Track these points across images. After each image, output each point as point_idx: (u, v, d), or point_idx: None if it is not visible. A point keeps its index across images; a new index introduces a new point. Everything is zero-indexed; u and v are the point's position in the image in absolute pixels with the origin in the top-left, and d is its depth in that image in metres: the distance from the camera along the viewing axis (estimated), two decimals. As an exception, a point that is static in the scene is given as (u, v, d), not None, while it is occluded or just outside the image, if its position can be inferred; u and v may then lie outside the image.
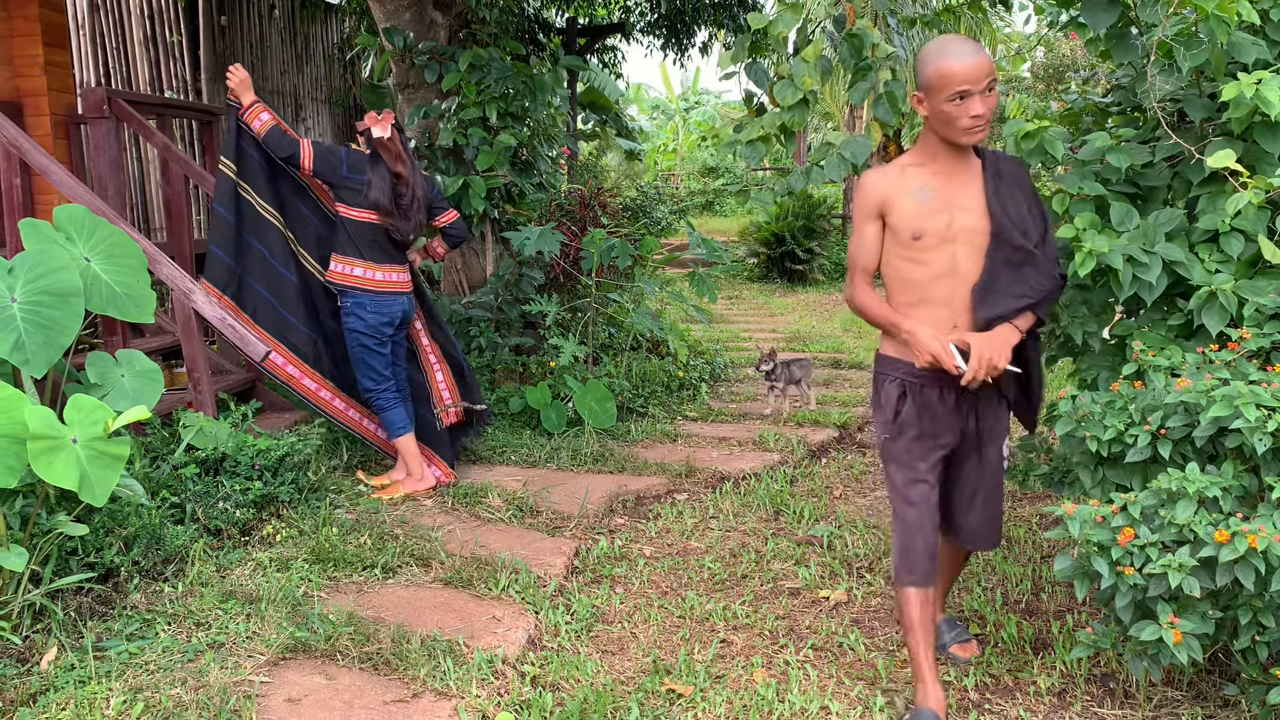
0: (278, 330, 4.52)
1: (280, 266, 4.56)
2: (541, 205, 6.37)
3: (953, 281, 2.63)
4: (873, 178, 2.67)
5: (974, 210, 2.61)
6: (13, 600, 2.93)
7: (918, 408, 2.72)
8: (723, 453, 5.43)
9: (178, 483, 3.88)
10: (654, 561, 4.03)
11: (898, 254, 2.66)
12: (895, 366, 2.75)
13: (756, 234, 14.58)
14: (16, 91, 6.14)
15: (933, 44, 2.55)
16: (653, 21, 8.40)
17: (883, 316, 2.68)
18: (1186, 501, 2.43)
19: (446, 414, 4.90)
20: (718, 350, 7.94)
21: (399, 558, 3.80)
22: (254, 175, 4.51)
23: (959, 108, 2.49)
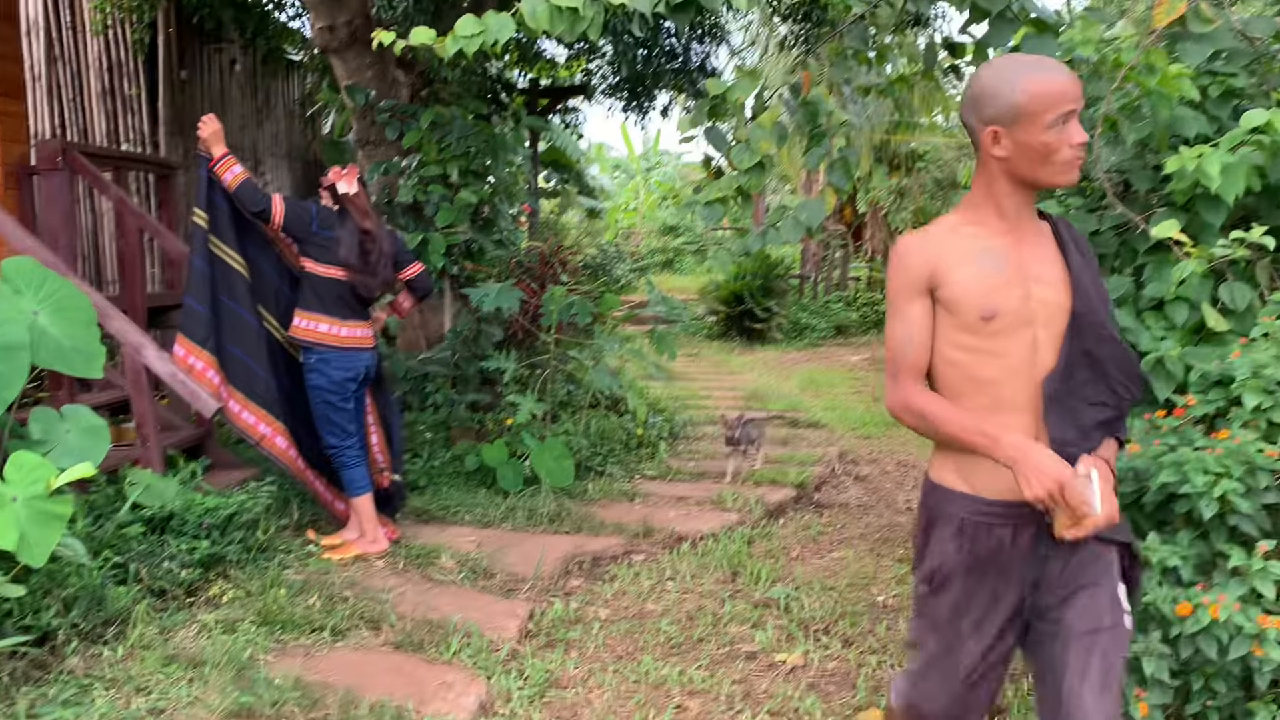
0: (244, 381, 4.45)
1: (248, 316, 4.51)
2: (501, 262, 6.38)
3: (1031, 379, 1.97)
4: (914, 242, 2.03)
5: (1052, 282, 1.98)
6: (-58, 666, 2.82)
7: (976, 555, 2.03)
8: (680, 512, 5.41)
9: (121, 542, 3.78)
10: (610, 625, 3.98)
11: (958, 342, 1.98)
12: (955, 500, 2.04)
13: (716, 292, 14.71)
14: (-31, 142, 6.08)
15: (1003, 62, 1.97)
16: (614, 84, 8.52)
17: (963, 428, 1.93)
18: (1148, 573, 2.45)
19: (381, 476, 4.83)
20: (677, 408, 7.95)
21: (348, 620, 3.72)
22: (224, 227, 4.47)
23: (1061, 135, 1.90)
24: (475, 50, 3.17)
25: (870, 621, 3.99)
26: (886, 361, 2.07)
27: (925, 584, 2.11)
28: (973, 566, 2.03)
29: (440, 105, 6.29)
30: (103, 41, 8.02)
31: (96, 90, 8.08)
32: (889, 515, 5.61)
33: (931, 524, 2.10)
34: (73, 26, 8.05)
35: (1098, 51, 2.98)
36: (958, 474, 2.05)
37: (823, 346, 14.17)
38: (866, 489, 6.22)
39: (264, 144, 9.74)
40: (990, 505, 2.00)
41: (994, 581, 2.02)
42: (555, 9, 3.14)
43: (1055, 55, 3.13)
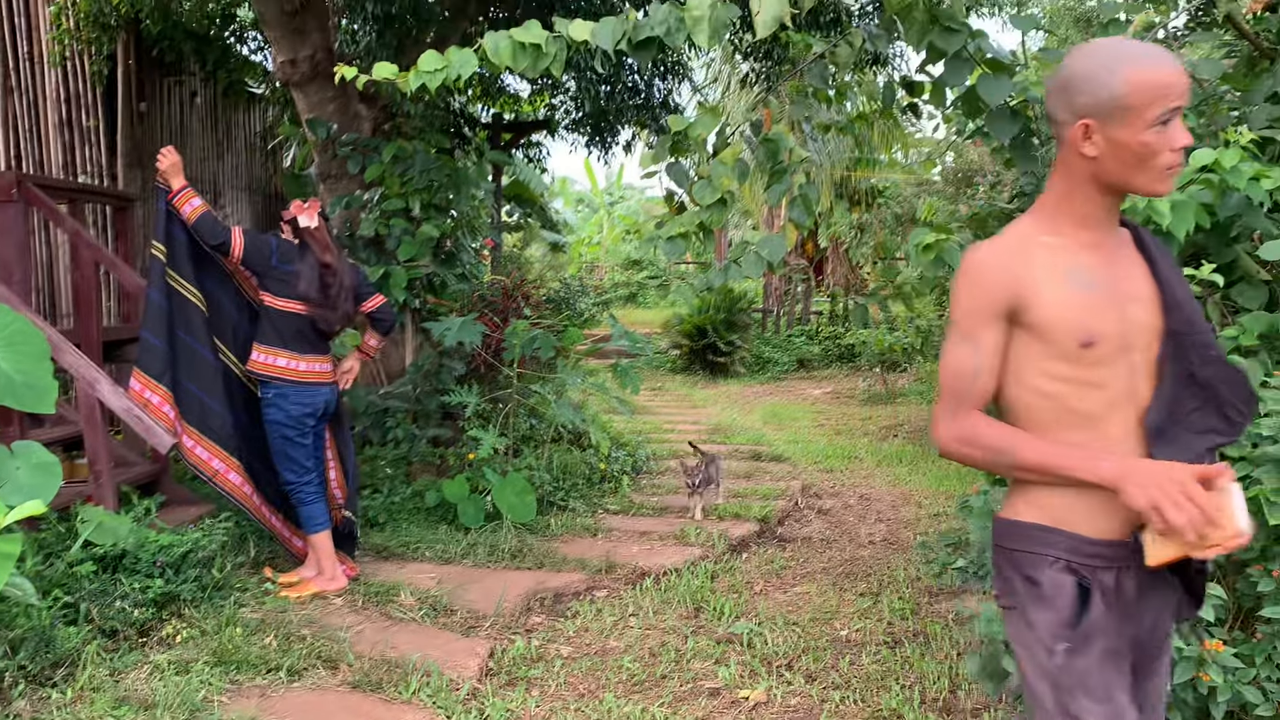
0: (199, 417, 4.39)
1: (204, 350, 4.45)
2: (464, 296, 6.37)
3: (1132, 411, 1.74)
4: (992, 256, 1.74)
5: (1144, 300, 1.75)
6: (-119, 711, 2.73)
7: (1106, 602, 1.73)
8: (644, 547, 5.38)
9: (72, 581, 3.69)
10: (571, 662, 3.94)
11: (1052, 372, 1.72)
12: (1052, 541, 1.74)
13: (679, 326, 14.76)
14: (-79, 173, 5.98)
15: (1104, 46, 1.70)
16: (577, 119, 8.57)
17: (1050, 454, 1.68)
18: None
19: (337, 513, 4.78)
20: (640, 442, 7.93)
21: (305, 659, 3.66)
22: (182, 260, 4.42)
23: (1163, 136, 1.64)
24: (438, 85, 3.18)
25: (833, 656, 3.98)
26: (943, 392, 1.78)
27: (1059, 641, 1.72)
28: (1113, 612, 1.72)
29: (403, 139, 6.29)
30: (60, 73, 7.95)
31: (54, 122, 8.01)
32: (851, 549, 5.62)
33: (1028, 570, 1.75)
34: (30, 57, 7.97)
35: (1051, 92, 3.04)
36: (1047, 512, 1.75)
37: (785, 380, 14.25)
38: (829, 523, 6.23)
39: (224, 177, 9.68)
40: (1094, 545, 1.71)
41: (1126, 627, 1.75)
42: (518, 45, 3.16)
43: (1010, 96, 3.20)
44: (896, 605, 4.55)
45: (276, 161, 10.16)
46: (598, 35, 3.09)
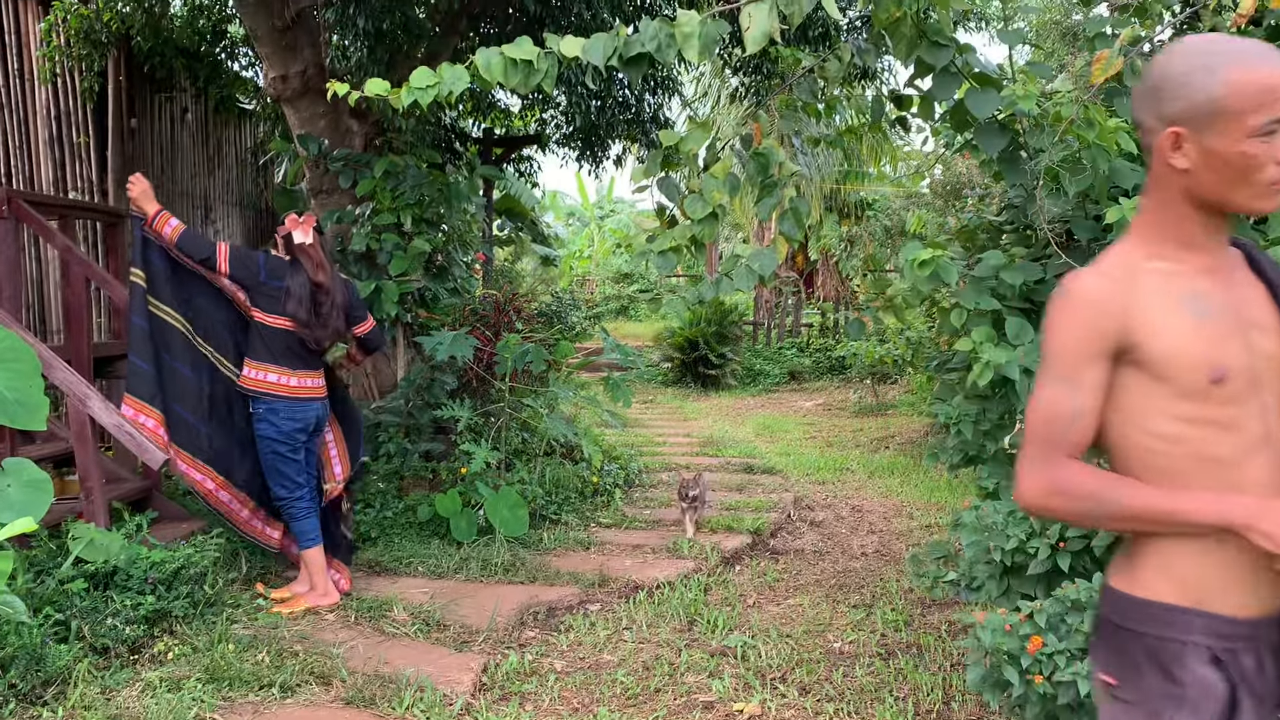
0: (188, 438, 4.39)
1: (187, 371, 4.45)
2: (456, 310, 6.37)
3: (1270, 455, 1.52)
4: (1098, 284, 1.52)
5: (1269, 328, 1.54)
6: None
7: (1250, 692, 1.48)
8: (636, 560, 5.38)
9: (63, 598, 3.68)
10: (565, 676, 3.94)
11: (1178, 413, 1.49)
12: (1186, 624, 1.49)
13: (670, 339, 14.78)
14: (-90, 190, 5.96)
15: (1199, 43, 1.49)
16: (568, 134, 8.60)
17: (1165, 501, 1.46)
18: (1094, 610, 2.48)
19: (336, 487, 4.77)
20: (632, 455, 7.93)
21: (298, 675, 3.64)
22: (160, 284, 4.42)
23: (1270, 147, 1.43)
24: (429, 101, 3.19)
25: (827, 669, 3.98)
26: (1031, 439, 1.54)
27: None
28: (1262, 703, 1.48)
29: (394, 154, 6.30)
30: (51, 89, 7.95)
31: (44, 138, 8.00)
32: (844, 561, 5.62)
33: (1174, 669, 1.48)
34: (20, 74, 7.97)
35: (1039, 106, 3.08)
36: (1187, 587, 1.49)
37: (776, 392, 14.27)
38: (821, 535, 6.24)
39: (215, 192, 9.68)
40: (1236, 625, 1.48)
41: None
42: (509, 61, 3.17)
43: (997, 110, 3.22)
44: (890, 617, 4.56)
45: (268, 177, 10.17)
46: (589, 51, 3.10)
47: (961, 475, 5.00)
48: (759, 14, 2.95)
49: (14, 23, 7.96)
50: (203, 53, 8.53)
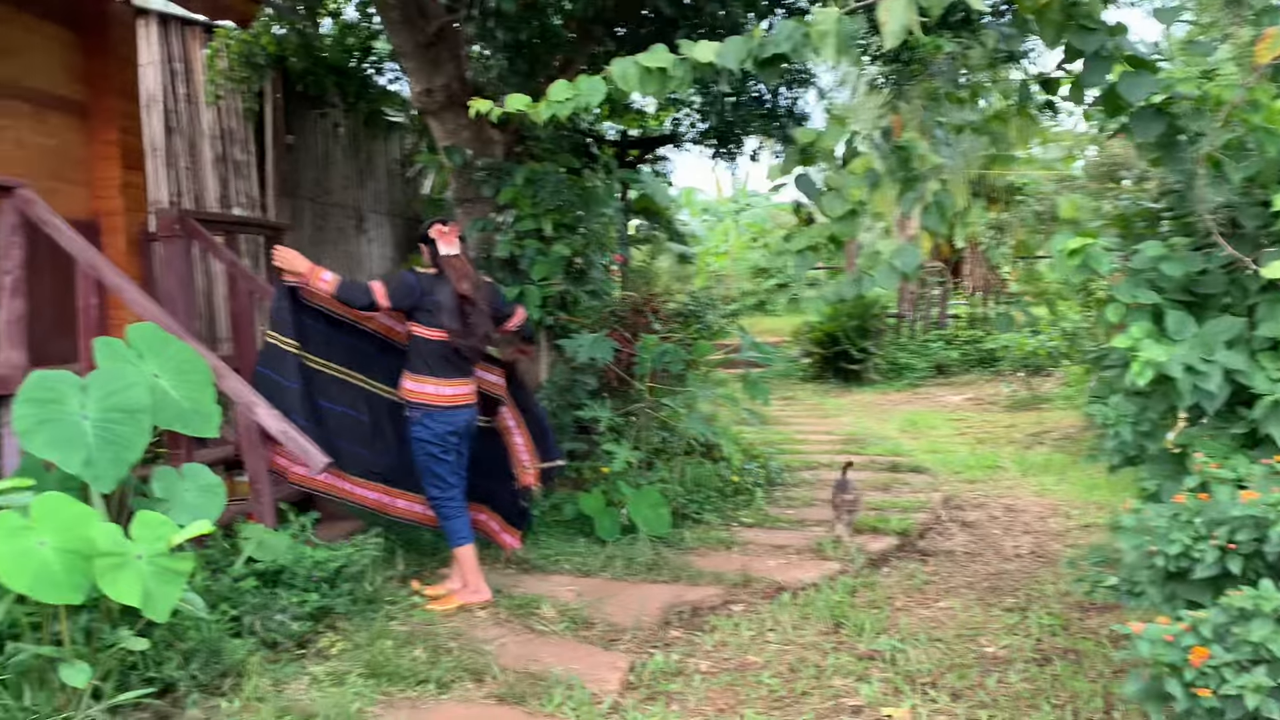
0: (357, 468, 4.75)
1: (346, 410, 4.78)
2: (595, 312, 6.47)
3: None
4: None
5: None
6: (75, 716, 2.95)
7: None
8: (780, 561, 5.35)
9: (236, 595, 3.90)
10: (711, 677, 3.95)
11: None
12: None
13: (810, 334, 14.60)
14: (94, 212, 6.43)
15: None
16: (703, 131, 8.60)
17: None
18: (1262, 619, 2.34)
19: (530, 474, 5.02)
20: (773, 454, 7.88)
21: (453, 672, 3.77)
22: (316, 343, 4.69)
23: None
24: (567, 113, 3.25)
25: (979, 674, 3.88)
26: None
27: None
28: None
29: (534, 161, 6.44)
30: (215, 111, 8.44)
31: (210, 158, 8.50)
32: (997, 563, 5.46)
33: None
34: (188, 98, 8.49)
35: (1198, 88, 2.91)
36: None
37: (922, 387, 13.91)
38: (973, 535, 6.07)
39: (366, 203, 10.10)
40: None
41: None
42: (644, 70, 3.20)
43: (1154, 94, 3.06)
44: (1045, 621, 4.40)
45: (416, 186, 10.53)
46: (723, 56, 3.10)
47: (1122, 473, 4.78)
48: (897, 8, 2.89)
49: (183, 50, 8.48)
50: (352, 69, 8.92)
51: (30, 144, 6.00)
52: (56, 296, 5.26)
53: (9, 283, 4.29)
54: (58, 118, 6.25)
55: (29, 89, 6.03)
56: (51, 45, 6.23)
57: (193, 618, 3.44)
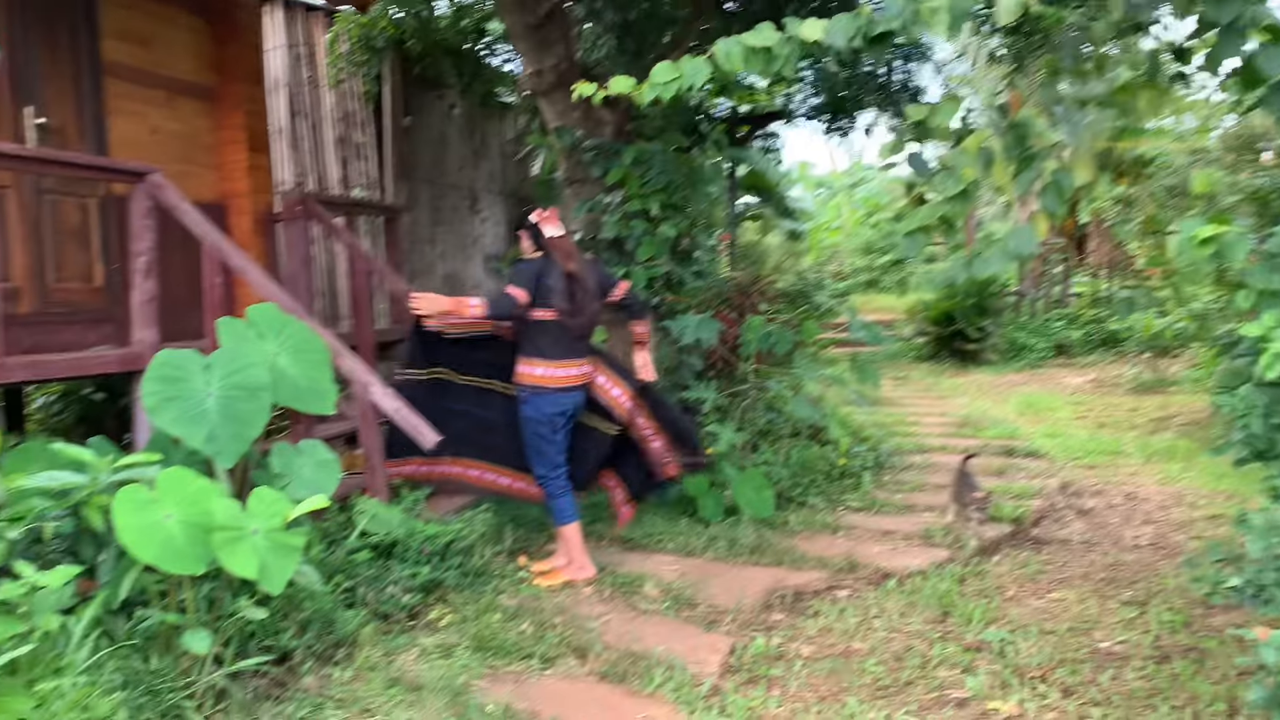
0: (473, 452, 4.94)
1: (473, 409, 4.93)
2: (701, 292, 6.45)
3: None
4: None
5: None
6: (198, 680, 3.11)
7: None
8: (886, 547, 5.27)
9: (351, 567, 4.05)
10: (813, 662, 3.92)
11: None
12: None
13: (925, 312, 14.27)
14: (223, 194, 6.71)
15: None
16: (815, 107, 8.45)
17: None
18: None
19: (667, 469, 5.03)
20: (882, 436, 7.75)
21: (557, 648, 3.83)
22: (462, 364, 4.89)
23: None
24: (671, 95, 3.23)
25: (1093, 670, 3.75)
26: None
27: None
28: None
29: (643, 140, 6.44)
30: (336, 94, 8.68)
31: (331, 140, 8.75)
32: (1115, 553, 5.26)
33: None
34: (312, 82, 8.74)
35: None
36: None
37: (1042, 368, 13.47)
38: (1090, 524, 5.86)
39: (480, 183, 10.26)
40: None
41: None
42: (749, 49, 3.16)
43: (1294, 66, 2.88)
44: (1165, 617, 4.23)
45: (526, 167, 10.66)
46: (831, 34, 3.04)
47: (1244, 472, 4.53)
48: (1012, -19, 2.78)
49: (306, 35, 8.73)
50: (466, 51, 9.04)
51: (163, 129, 6.29)
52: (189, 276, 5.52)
53: (142, 264, 4.51)
54: (188, 104, 6.53)
55: (163, 76, 6.31)
56: (183, 34, 6.51)
57: (308, 589, 3.57)
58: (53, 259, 5.40)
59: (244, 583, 3.37)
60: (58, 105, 5.48)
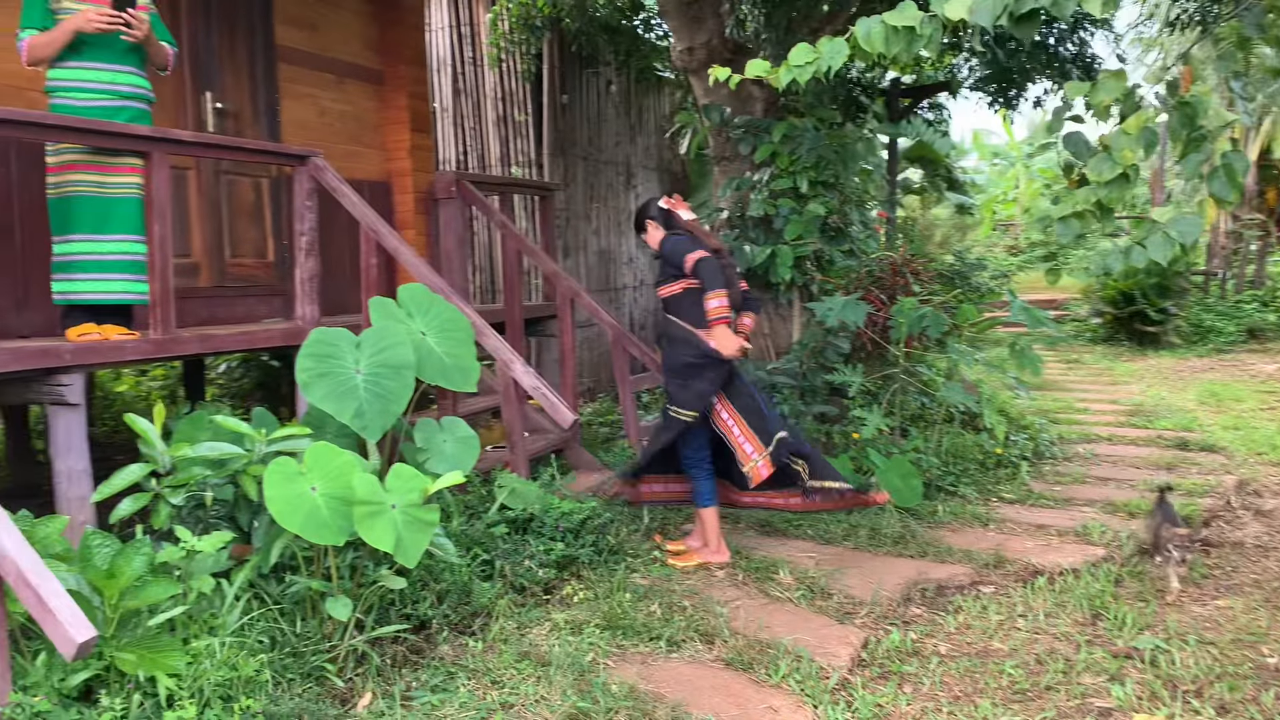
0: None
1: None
2: (851, 272, 6.30)
3: None
4: None
5: None
6: (340, 645, 3.28)
7: None
8: (1039, 542, 5.05)
9: (489, 540, 4.18)
10: (949, 661, 3.80)
11: None
12: None
13: (1101, 292, 13.52)
14: (387, 173, 6.98)
15: None
16: (982, 77, 8.08)
17: None
18: None
19: (756, 471, 4.66)
20: (1044, 424, 7.41)
21: (684, 631, 3.85)
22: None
23: None
24: (808, 78, 3.16)
25: (1255, 687, 3.49)
26: None
27: None
28: None
29: (794, 116, 6.32)
30: (497, 74, 8.89)
31: (492, 119, 8.99)
32: (1294, 561, 4.88)
33: None
34: (474, 61, 8.98)
35: None
36: None
37: (1230, 353, 12.55)
38: (1269, 527, 5.44)
39: (636, 158, 10.32)
40: None
41: None
42: (890, 29, 3.05)
43: None
44: (1347, 636, 3.90)
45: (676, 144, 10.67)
46: (976, 12, 2.89)
47: None
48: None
49: (469, 15, 8.97)
50: (623, 27, 9.08)
51: (331, 111, 6.58)
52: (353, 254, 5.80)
53: (304, 243, 4.75)
54: (355, 85, 6.81)
55: (332, 60, 6.60)
56: (350, 18, 6.78)
57: (445, 560, 3.71)
58: (229, 236, 5.76)
59: (385, 552, 3.54)
60: (234, 90, 5.82)
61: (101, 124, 3.93)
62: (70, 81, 4.12)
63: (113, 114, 4.14)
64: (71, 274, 4.14)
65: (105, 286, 4.15)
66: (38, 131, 3.85)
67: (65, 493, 3.60)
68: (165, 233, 4.07)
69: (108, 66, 4.16)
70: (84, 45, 4.09)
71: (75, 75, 4.11)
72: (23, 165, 4.47)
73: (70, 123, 3.85)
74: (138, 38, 4.16)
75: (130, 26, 4.11)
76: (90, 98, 4.13)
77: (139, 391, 8.56)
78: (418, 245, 6.82)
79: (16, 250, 4.47)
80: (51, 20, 4.07)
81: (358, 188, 5.09)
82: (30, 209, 4.44)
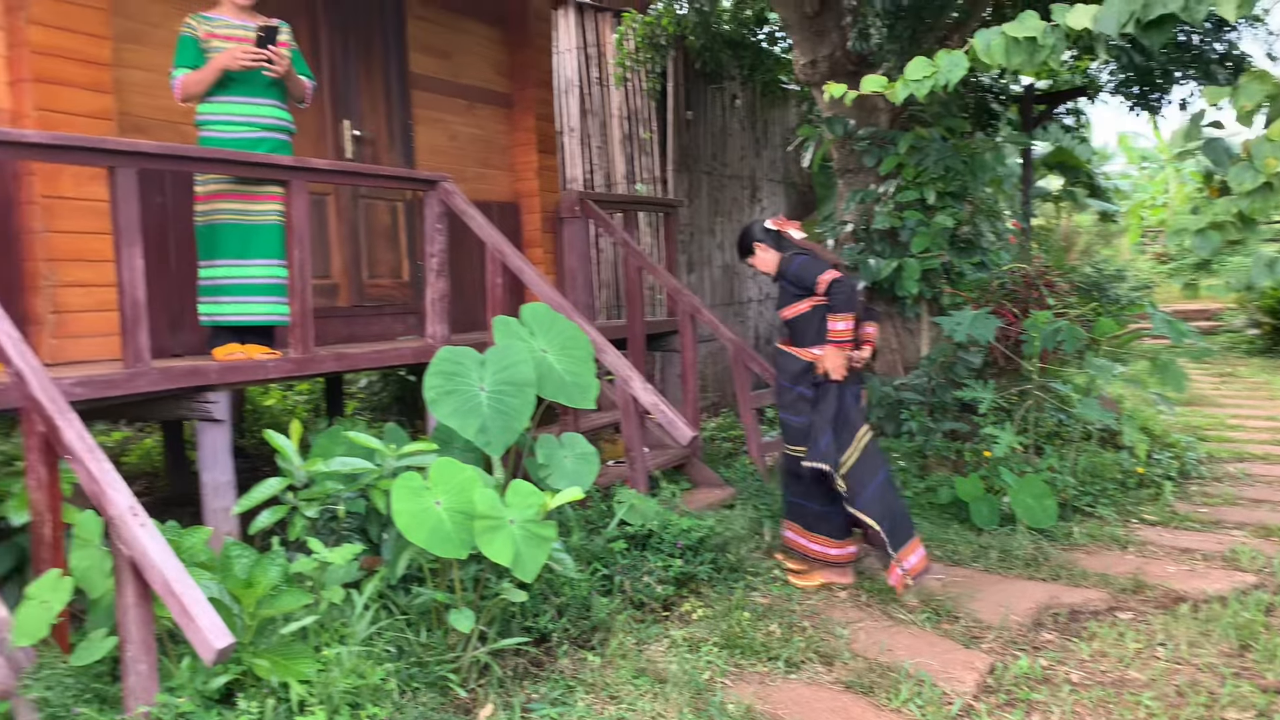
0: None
1: None
2: (982, 285, 6.13)
3: None
4: None
5: None
6: (463, 656, 3.38)
7: None
8: (1182, 567, 4.80)
9: (608, 555, 4.23)
10: (1081, 690, 3.65)
11: None
12: None
13: (1258, 301, 12.77)
14: (516, 194, 7.17)
15: None
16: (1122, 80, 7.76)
17: None
18: None
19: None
20: (1192, 442, 7.04)
21: (804, 652, 3.81)
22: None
23: None
24: (925, 92, 3.11)
25: None
26: None
27: None
28: None
29: (920, 126, 6.21)
30: (623, 92, 9.02)
31: (618, 137, 9.12)
32: None
33: None
34: (600, 81, 9.14)
35: None
36: None
37: (1407, 365, 11.68)
38: None
39: (761, 171, 10.30)
40: None
41: None
42: (1011, 41, 2.98)
43: None
44: None
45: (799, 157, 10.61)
46: (1100, 21, 2.80)
47: None
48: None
49: (596, 36, 9.14)
50: (747, 42, 9.09)
51: (462, 135, 6.80)
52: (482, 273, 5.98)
53: (435, 264, 4.92)
54: (485, 109, 7.02)
55: (463, 85, 6.83)
56: (481, 44, 7.00)
57: (565, 575, 3.77)
58: (367, 257, 6.01)
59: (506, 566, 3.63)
60: (371, 117, 6.08)
61: (244, 155, 4.17)
62: (217, 115, 4.40)
63: (255, 145, 4.40)
64: (217, 297, 4.41)
65: (249, 309, 4.41)
66: (185, 164, 4.11)
67: (211, 504, 3.83)
68: (304, 257, 4.28)
69: (251, 100, 4.42)
70: (230, 81, 4.36)
71: (222, 109, 4.39)
72: (177, 195, 4.78)
73: (215, 154, 4.10)
74: (279, 73, 4.41)
75: (272, 63, 4.36)
76: (235, 130, 4.40)
77: (285, 405, 8.99)
78: (544, 263, 6.98)
79: (171, 274, 4.78)
80: (202, 59, 4.35)
81: (487, 209, 5.25)
82: (184, 236, 4.74)
